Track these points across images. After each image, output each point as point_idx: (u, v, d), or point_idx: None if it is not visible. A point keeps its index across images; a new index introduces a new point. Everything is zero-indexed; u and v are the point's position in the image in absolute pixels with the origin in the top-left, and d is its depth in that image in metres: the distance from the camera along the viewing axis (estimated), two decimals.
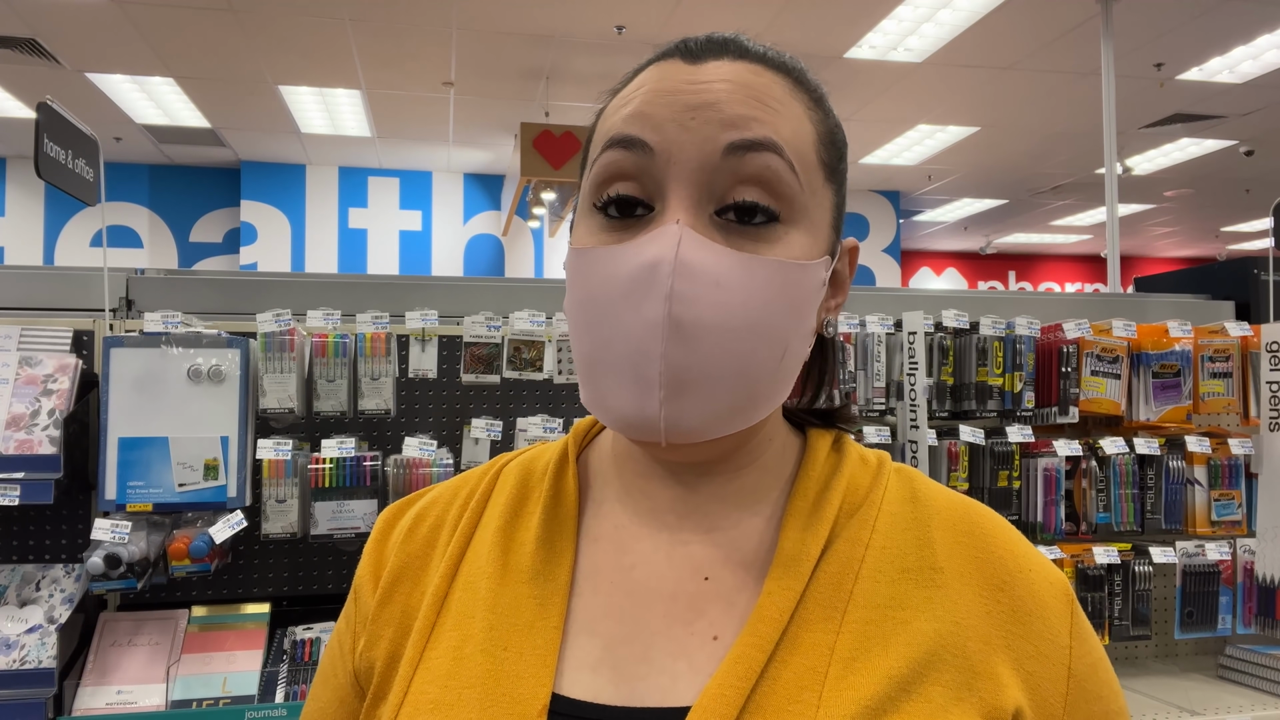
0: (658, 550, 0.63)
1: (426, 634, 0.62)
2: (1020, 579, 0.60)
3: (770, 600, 0.57)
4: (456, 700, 0.58)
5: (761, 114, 0.58)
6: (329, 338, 1.98)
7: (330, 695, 0.69)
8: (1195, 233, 12.97)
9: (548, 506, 0.66)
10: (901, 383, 2.14)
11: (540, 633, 0.60)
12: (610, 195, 0.59)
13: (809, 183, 0.60)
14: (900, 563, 0.60)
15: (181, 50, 6.42)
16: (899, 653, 0.56)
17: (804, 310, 0.60)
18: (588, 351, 0.59)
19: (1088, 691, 0.59)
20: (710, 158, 0.57)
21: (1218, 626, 2.27)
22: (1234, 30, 6.10)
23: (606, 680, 0.58)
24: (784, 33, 6.18)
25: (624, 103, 0.61)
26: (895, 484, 0.65)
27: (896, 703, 0.54)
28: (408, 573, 0.67)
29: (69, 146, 1.93)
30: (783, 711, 0.53)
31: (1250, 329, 2.37)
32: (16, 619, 1.81)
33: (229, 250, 9.55)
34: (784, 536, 0.60)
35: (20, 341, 1.92)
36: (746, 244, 0.57)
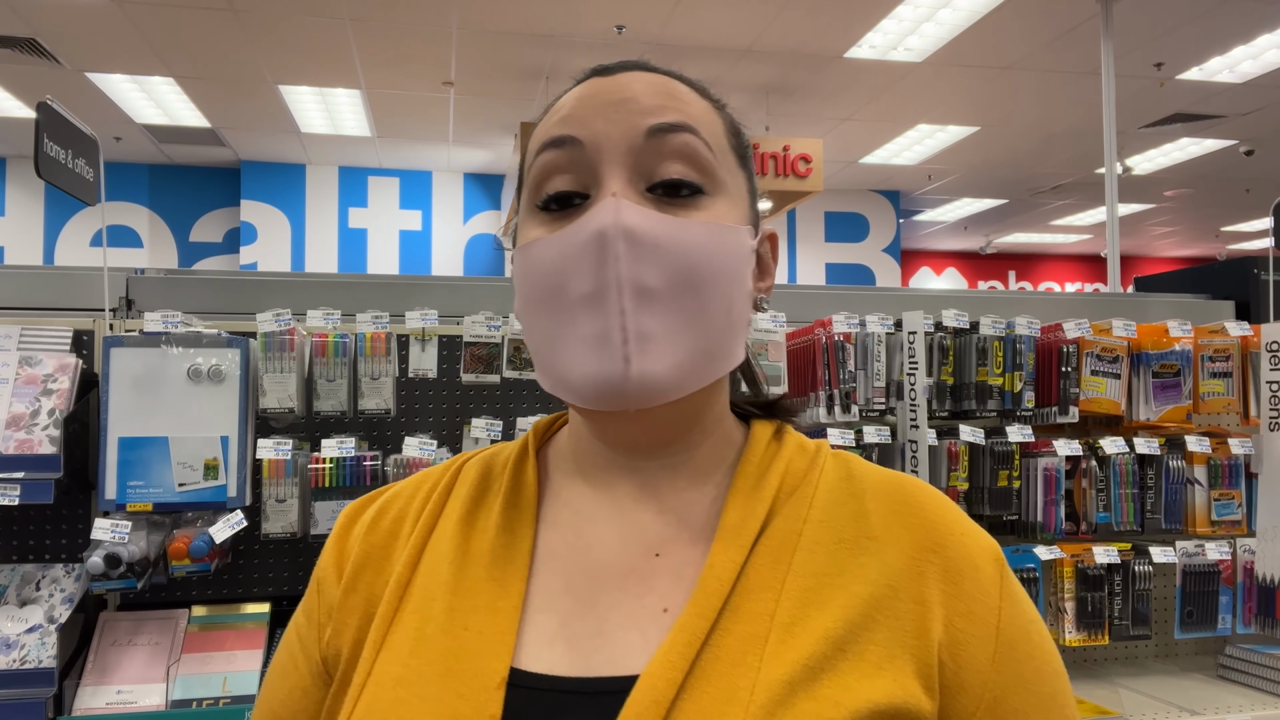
0: (612, 531, 0.66)
1: (390, 618, 0.65)
2: (952, 542, 0.64)
3: (713, 572, 0.61)
4: (418, 677, 0.61)
5: (674, 104, 0.65)
6: (329, 337, 1.98)
7: (291, 686, 0.71)
8: (1195, 232, 12.97)
9: (508, 496, 0.69)
10: (901, 382, 2.14)
11: (500, 612, 0.63)
12: (549, 192, 0.65)
13: (724, 161, 0.67)
14: (837, 534, 0.64)
15: (181, 50, 6.42)
16: (835, 615, 0.59)
17: (739, 269, 0.65)
18: (545, 335, 0.63)
19: (1018, 651, 0.62)
20: (635, 141, 0.63)
21: (1218, 626, 2.27)
22: (1234, 30, 6.10)
23: (562, 654, 0.61)
24: (784, 33, 6.18)
25: (552, 115, 0.67)
26: (832, 465, 0.69)
27: (833, 661, 0.57)
28: (371, 563, 0.69)
29: (69, 146, 1.93)
30: (725, 675, 0.57)
31: (1250, 329, 2.37)
32: (16, 619, 1.81)
33: (229, 250, 9.55)
34: (726, 513, 0.64)
35: (20, 341, 1.92)
36: (678, 212, 0.63)
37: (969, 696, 0.60)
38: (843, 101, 7.61)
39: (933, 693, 0.59)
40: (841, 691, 0.56)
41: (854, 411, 2.13)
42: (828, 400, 2.13)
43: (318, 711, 0.69)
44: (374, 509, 0.73)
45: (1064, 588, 2.19)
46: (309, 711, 0.69)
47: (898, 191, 10.80)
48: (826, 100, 7.56)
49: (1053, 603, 2.21)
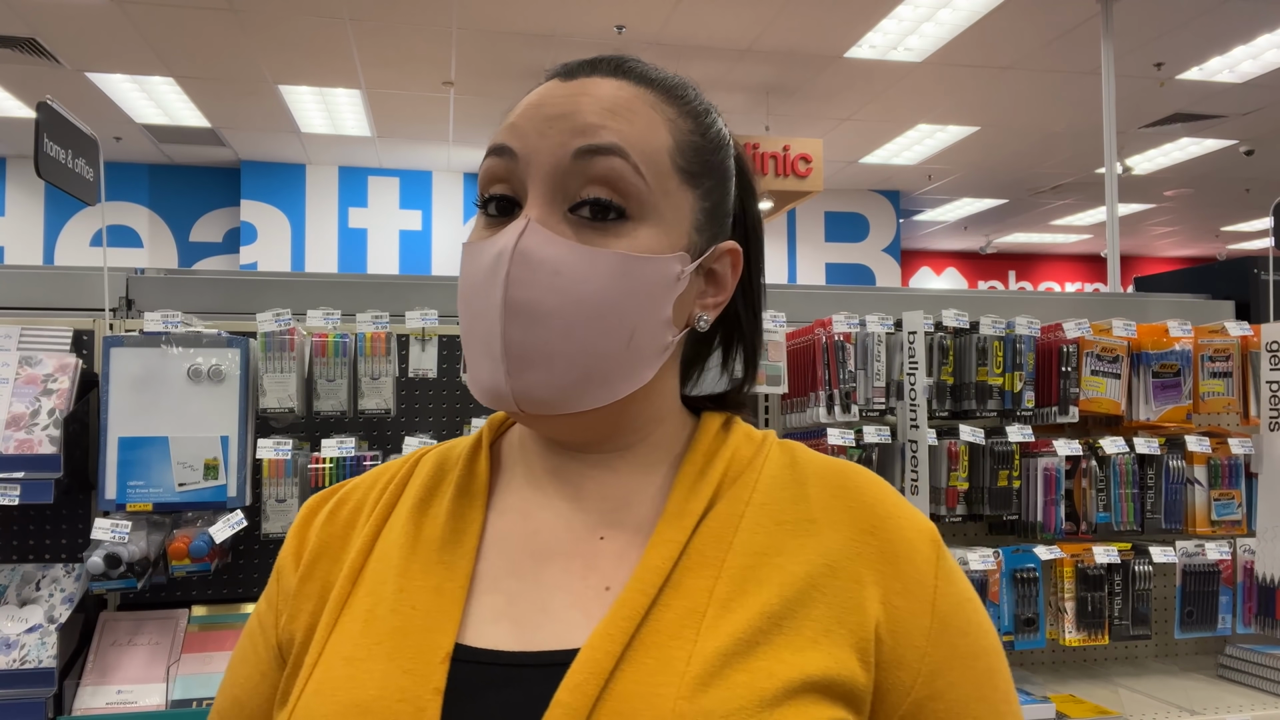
0: (558, 516, 0.69)
1: (342, 601, 0.67)
2: (889, 524, 0.66)
3: (655, 551, 0.63)
4: (368, 655, 0.63)
5: (611, 122, 0.65)
6: (329, 337, 1.98)
7: (251, 670, 0.73)
8: (1195, 232, 12.97)
9: (460, 485, 0.72)
10: (901, 382, 2.14)
11: (447, 593, 0.65)
12: (487, 195, 0.68)
13: (659, 185, 0.65)
14: (777, 516, 0.66)
15: (181, 50, 6.42)
16: (772, 592, 0.61)
17: (651, 297, 0.65)
18: (463, 335, 0.68)
19: (952, 627, 0.64)
20: (562, 161, 0.64)
21: (1218, 626, 2.27)
22: (1234, 30, 6.10)
23: (506, 630, 0.63)
24: (784, 32, 6.18)
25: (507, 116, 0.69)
26: (776, 453, 0.72)
27: (769, 635, 0.59)
28: (328, 552, 0.72)
29: (69, 146, 1.93)
30: (663, 647, 0.59)
31: (1250, 329, 2.37)
32: (16, 618, 1.81)
33: (229, 250, 9.55)
34: (671, 497, 0.67)
35: (20, 341, 1.92)
36: (595, 238, 0.64)
37: (906, 670, 0.62)
38: (843, 101, 7.61)
39: (869, 667, 0.61)
40: (775, 663, 0.58)
41: (854, 411, 2.13)
42: (828, 400, 2.13)
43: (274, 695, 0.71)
44: (334, 501, 0.76)
45: (1064, 588, 2.19)
46: (267, 695, 0.71)
47: (898, 191, 10.80)
48: (826, 100, 7.56)
49: (1053, 603, 2.21)
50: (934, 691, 0.62)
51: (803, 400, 2.20)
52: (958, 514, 2.17)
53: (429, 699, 0.59)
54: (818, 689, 0.58)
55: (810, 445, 2.32)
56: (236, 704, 0.73)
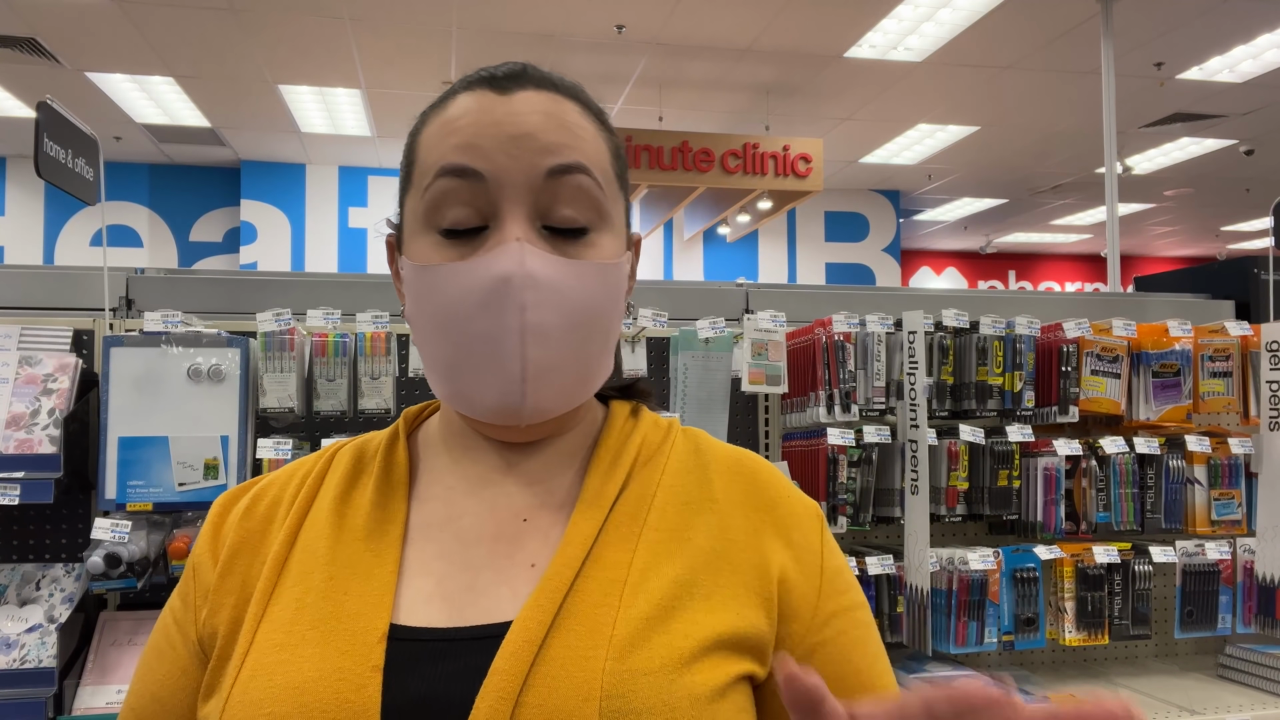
0: (483, 502, 0.72)
1: (269, 593, 0.68)
2: (782, 503, 0.75)
3: (576, 529, 0.68)
4: (301, 640, 0.64)
5: (571, 140, 0.69)
6: (329, 337, 1.98)
7: (170, 667, 0.73)
8: (1195, 232, 12.97)
9: (380, 476, 0.74)
10: (901, 382, 2.14)
11: (377, 577, 0.67)
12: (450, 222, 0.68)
13: (610, 193, 0.72)
14: (684, 497, 0.72)
15: (181, 49, 6.42)
16: (683, 563, 0.68)
17: (620, 299, 0.74)
18: (447, 356, 0.69)
19: (835, 586, 0.73)
20: (535, 180, 0.68)
21: (1217, 626, 2.27)
22: (1234, 29, 6.10)
23: (438, 609, 0.66)
24: (784, 32, 6.18)
25: (448, 132, 0.70)
26: (681, 440, 0.78)
27: (682, 601, 0.65)
28: (246, 547, 0.73)
29: (69, 146, 1.93)
30: (589, 616, 0.63)
31: (1250, 328, 2.37)
32: (16, 618, 1.81)
33: (229, 249, 9.55)
34: (588, 481, 0.72)
35: (20, 341, 1.92)
36: (571, 250, 0.69)
37: (800, 622, 0.70)
38: (843, 101, 7.61)
39: (772, 621, 0.68)
40: (690, 625, 0.64)
41: (854, 411, 2.13)
42: (828, 400, 2.13)
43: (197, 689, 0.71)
44: (248, 497, 0.77)
45: (1064, 587, 2.19)
46: (188, 690, 0.72)
47: (898, 191, 10.80)
48: (826, 100, 7.56)
49: (1053, 602, 2.21)
50: (824, 638, 0.70)
51: (803, 400, 2.20)
52: (958, 514, 2.17)
53: (368, 676, 0.62)
54: (727, 645, 0.65)
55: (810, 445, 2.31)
56: (156, 701, 0.73)
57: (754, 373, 2.13)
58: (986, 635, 2.10)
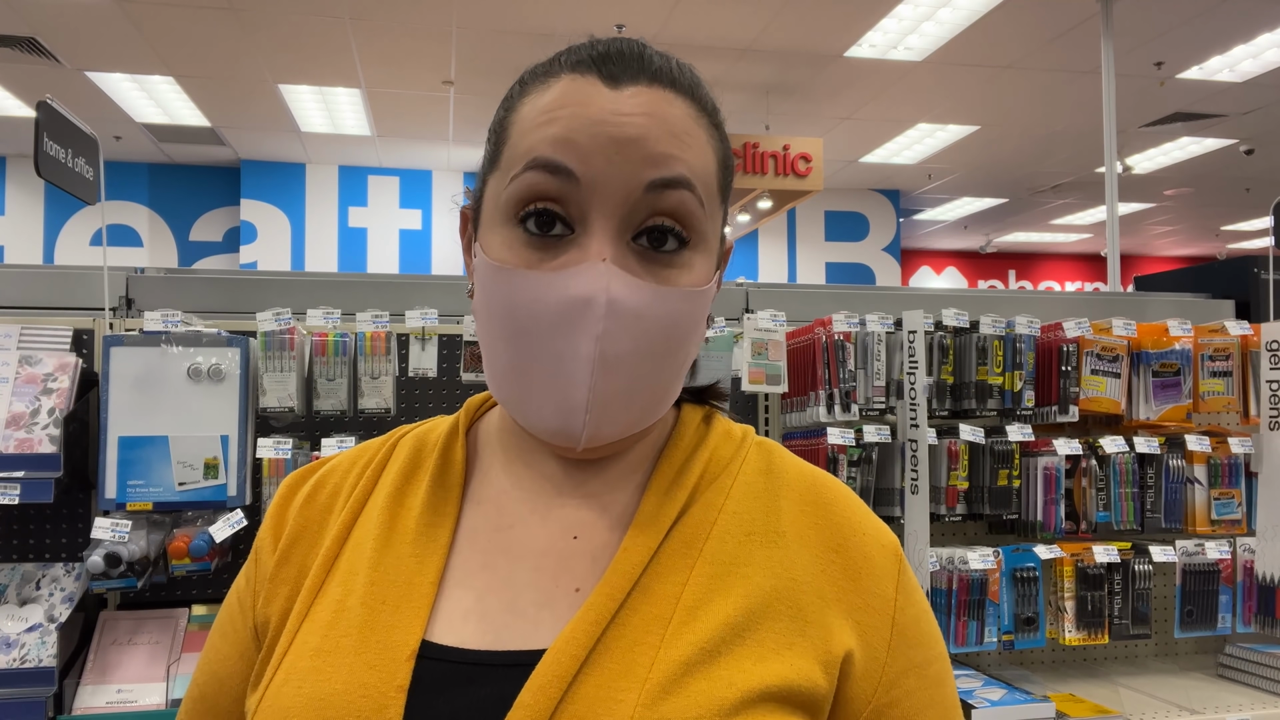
0: (535, 513, 0.68)
1: (315, 591, 0.67)
2: (854, 541, 0.68)
3: (626, 555, 0.63)
4: (334, 648, 0.63)
5: (678, 150, 0.63)
6: (329, 337, 1.98)
7: (230, 648, 0.73)
8: (1195, 232, 12.97)
9: (435, 475, 0.71)
10: (901, 381, 2.14)
11: (416, 587, 0.65)
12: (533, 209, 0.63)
13: (710, 210, 0.66)
14: (748, 526, 0.67)
15: (181, 49, 6.42)
16: (736, 603, 0.62)
17: (700, 325, 0.68)
18: (509, 362, 0.65)
19: (909, 639, 0.66)
20: (633, 192, 0.62)
21: (1217, 625, 2.27)
22: (1234, 29, 6.10)
23: (474, 628, 0.63)
24: (784, 31, 6.18)
25: (546, 119, 0.63)
26: (754, 456, 0.72)
27: (730, 645, 0.60)
28: (305, 535, 0.72)
29: (69, 145, 1.93)
30: (628, 652, 0.59)
31: (1250, 328, 2.37)
32: (17, 618, 1.81)
33: (229, 249, 9.55)
34: (645, 501, 0.67)
35: (20, 340, 1.92)
36: (659, 270, 0.64)
37: (867, 680, 0.64)
38: (843, 100, 7.61)
39: (831, 677, 0.62)
40: (736, 673, 0.59)
41: (854, 410, 2.13)
42: (828, 399, 2.13)
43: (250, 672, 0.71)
44: (312, 481, 0.75)
45: (1064, 587, 2.19)
46: (245, 674, 0.71)
47: (898, 191, 10.79)
48: (826, 99, 7.56)
49: (1052, 602, 2.21)
50: (892, 699, 0.64)
51: (803, 399, 2.20)
52: (957, 513, 2.17)
53: (392, 696, 0.60)
54: (777, 698, 0.59)
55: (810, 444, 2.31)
56: (216, 679, 0.73)
57: (754, 372, 2.13)
58: (986, 635, 2.11)
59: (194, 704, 0.74)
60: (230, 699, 0.72)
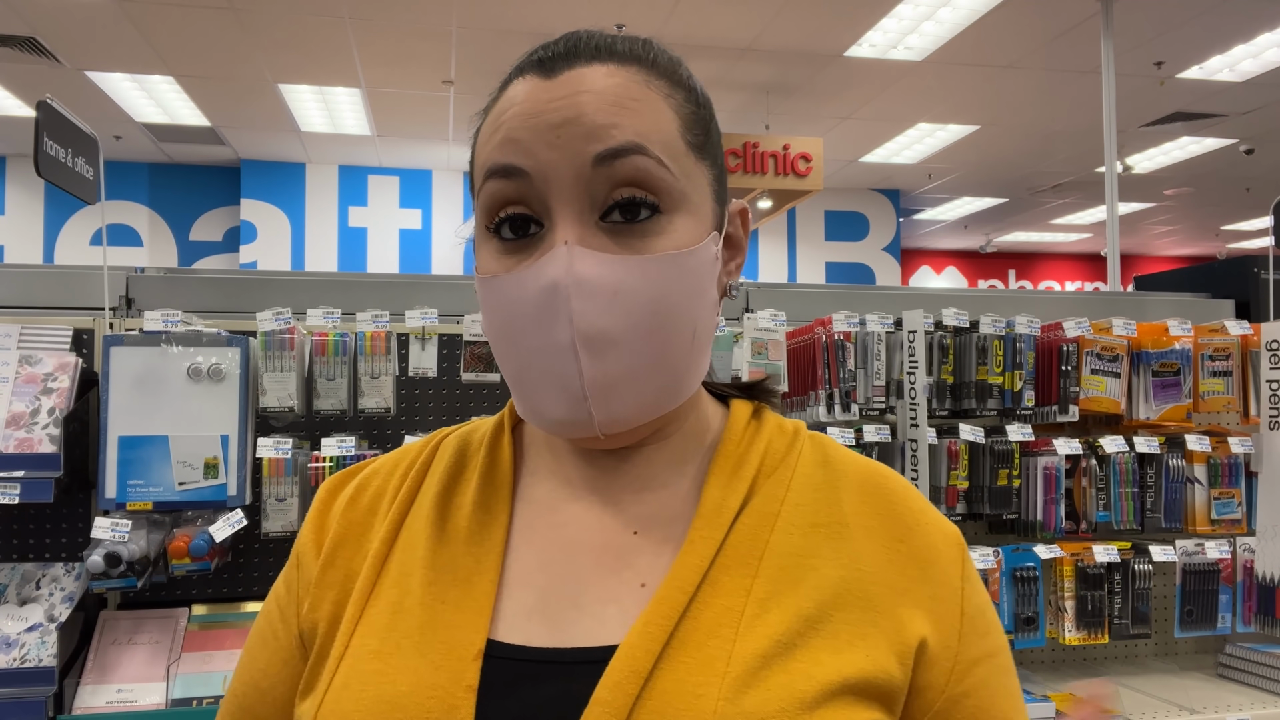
0: (589, 511, 0.67)
1: (367, 593, 0.66)
2: (918, 531, 0.67)
3: (693, 548, 0.62)
4: (395, 649, 0.61)
5: (621, 118, 0.61)
6: (329, 336, 1.98)
7: (271, 656, 0.71)
8: (1195, 231, 12.97)
9: (484, 473, 0.70)
10: (901, 381, 2.14)
11: (476, 586, 0.64)
12: (501, 217, 0.63)
13: (681, 169, 0.63)
14: (812, 518, 0.66)
15: (181, 49, 6.42)
16: (808, 595, 0.61)
17: (703, 289, 0.65)
18: (515, 370, 0.64)
19: (977, 628, 0.66)
20: (583, 170, 0.60)
21: (1217, 625, 2.27)
22: (1234, 28, 6.10)
23: (539, 626, 0.62)
24: (784, 31, 6.17)
25: (494, 128, 0.63)
26: (809, 449, 0.71)
27: (805, 637, 0.59)
28: (350, 538, 0.70)
29: (69, 145, 1.93)
30: (703, 645, 0.58)
31: (1250, 328, 2.37)
32: (17, 617, 1.82)
33: (229, 249, 9.55)
34: (706, 493, 0.66)
35: (20, 340, 1.92)
36: (635, 241, 0.61)
37: (940, 669, 0.63)
38: (843, 100, 7.60)
39: (906, 668, 0.61)
40: (813, 665, 0.58)
41: (854, 410, 2.13)
42: (828, 399, 2.13)
43: (297, 682, 0.69)
44: (354, 485, 0.74)
45: (1064, 586, 2.19)
46: (289, 682, 0.70)
47: (898, 190, 10.79)
48: (826, 99, 7.56)
49: (1053, 601, 2.21)
50: (965, 689, 0.64)
51: (803, 399, 2.20)
52: (957, 513, 2.18)
53: (462, 696, 0.58)
54: (854, 690, 0.59)
55: None
56: (256, 689, 0.71)
57: (754, 372, 2.13)
58: None
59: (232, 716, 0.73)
60: (272, 708, 0.70)
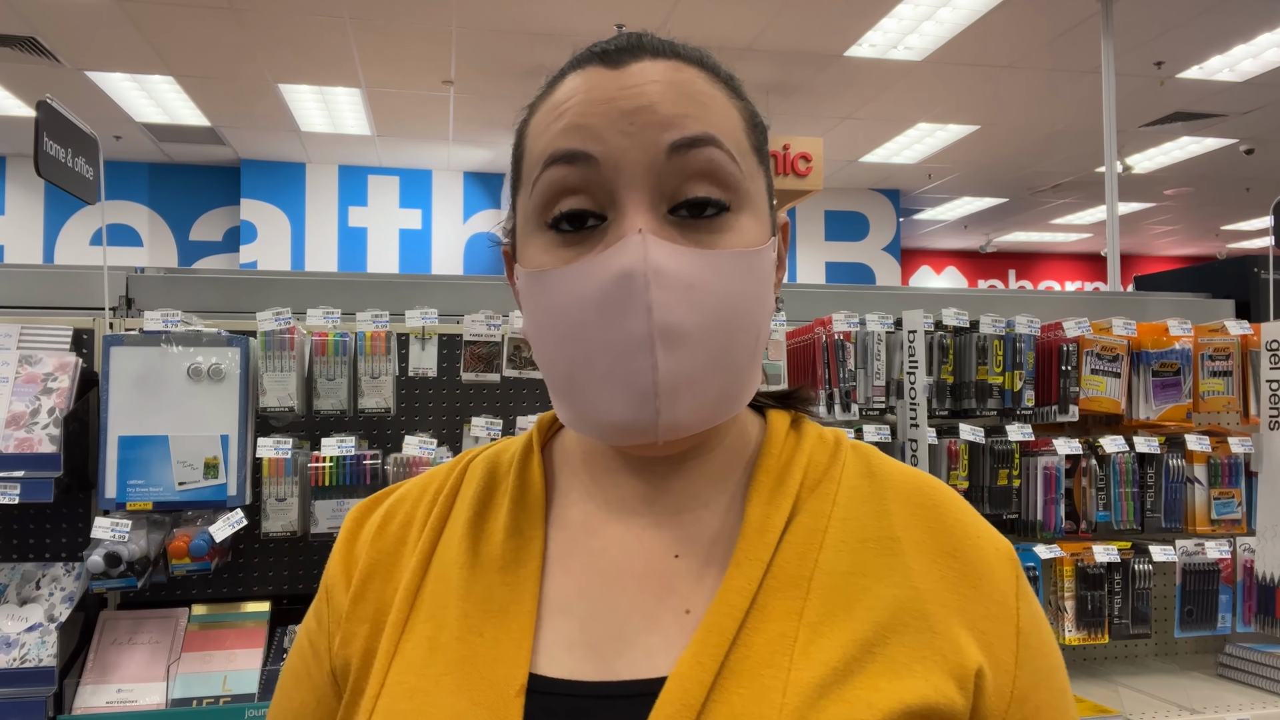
0: (628, 532, 0.64)
1: (401, 626, 0.63)
2: (969, 545, 0.64)
3: (739, 571, 0.59)
4: (434, 686, 0.59)
5: (695, 110, 0.59)
6: (329, 336, 1.98)
7: (307, 695, 0.69)
8: (1195, 231, 12.96)
9: (515, 497, 0.67)
10: (901, 381, 2.14)
11: (514, 617, 0.61)
12: (561, 211, 0.59)
13: (747, 168, 0.62)
14: (860, 534, 0.62)
15: (181, 48, 6.42)
16: (862, 617, 0.58)
17: (766, 292, 0.63)
18: (565, 371, 0.60)
19: (1033, 647, 0.62)
20: (656, 159, 0.58)
21: (1217, 625, 2.27)
22: (1234, 28, 6.10)
23: (582, 658, 0.59)
24: (784, 31, 6.17)
25: (555, 116, 0.61)
26: (853, 460, 0.68)
27: (862, 663, 0.56)
28: (379, 569, 0.67)
29: (69, 145, 1.93)
30: (757, 675, 0.55)
31: (1250, 327, 2.37)
32: (17, 617, 1.81)
33: (229, 249, 9.55)
34: (749, 512, 0.62)
35: (20, 340, 1.92)
36: (704, 237, 0.59)
37: (999, 695, 0.60)
38: (843, 100, 7.60)
39: (967, 692, 0.58)
40: (872, 693, 0.55)
41: (854, 410, 2.13)
42: (828, 399, 2.13)
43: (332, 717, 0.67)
44: (380, 513, 0.71)
45: (1064, 586, 2.19)
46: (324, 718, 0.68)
47: (898, 190, 10.79)
48: (826, 99, 7.55)
49: (1053, 601, 2.21)
50: (1025, 714, 0.61)
51: None
52: None
53: None
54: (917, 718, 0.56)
55: None
56: None
57: None
58: None
59: None
60: None
